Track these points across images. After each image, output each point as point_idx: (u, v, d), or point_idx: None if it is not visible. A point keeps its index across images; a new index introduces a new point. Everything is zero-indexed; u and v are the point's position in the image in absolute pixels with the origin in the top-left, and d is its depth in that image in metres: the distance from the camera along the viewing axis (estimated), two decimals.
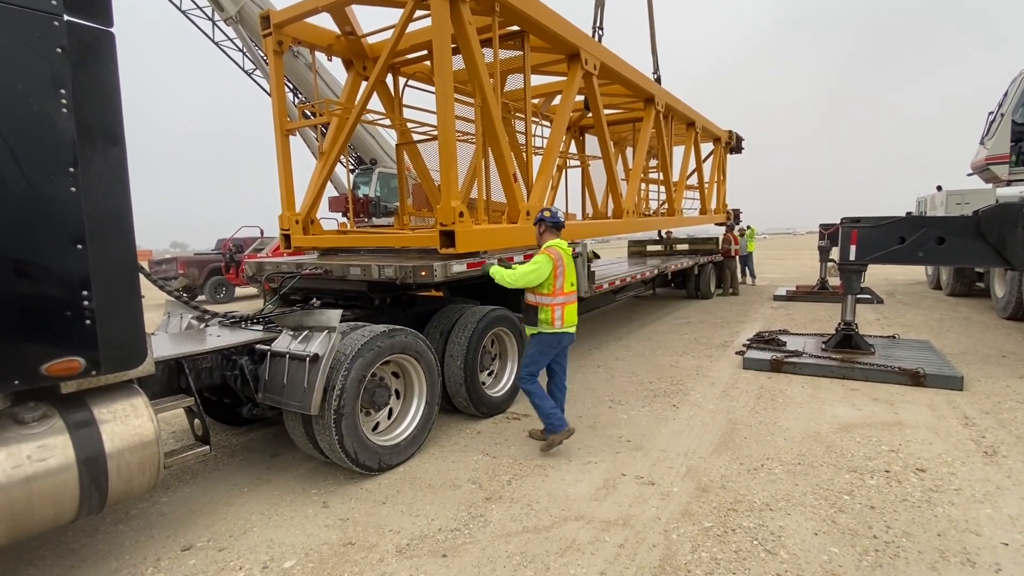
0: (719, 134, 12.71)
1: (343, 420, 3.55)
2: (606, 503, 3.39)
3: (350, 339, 3.76)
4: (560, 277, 4.07)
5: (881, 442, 4.20)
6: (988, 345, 7.46)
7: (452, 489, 3.66)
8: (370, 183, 13.90)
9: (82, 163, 2.38)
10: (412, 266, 4.43)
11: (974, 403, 5.05)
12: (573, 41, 6.36)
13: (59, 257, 2.34)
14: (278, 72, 6.14)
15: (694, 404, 5.27)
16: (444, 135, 4.69)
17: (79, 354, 2.39)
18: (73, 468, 2.45)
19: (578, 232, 7.75)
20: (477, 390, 4.87)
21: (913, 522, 3.06)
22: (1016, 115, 7.90)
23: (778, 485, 3.55)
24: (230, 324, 4.45)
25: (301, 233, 6.10)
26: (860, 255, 6.44)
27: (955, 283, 12.45)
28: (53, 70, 2.30)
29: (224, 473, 4.10)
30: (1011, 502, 3.26)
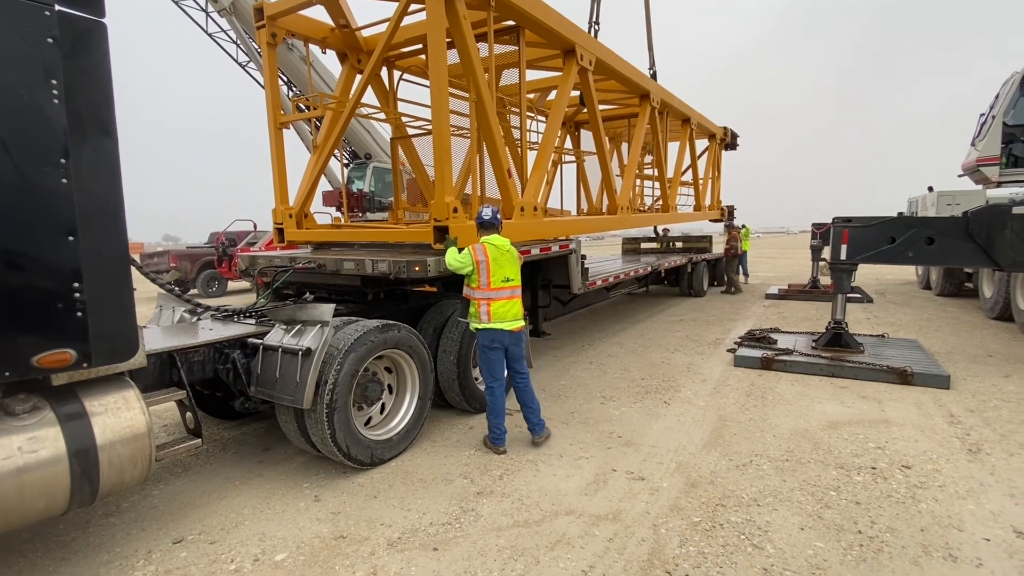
0: (714, 130, 12.74)
1: (335, 414, 3.56)
2: (596, 498, 3.43)
3: (343, 333, 3.76)
4: (484, 273, 4.05)
5: (868, 439, 4.26)
6: (975, 345, 7.56)
7: (444, 484, 3.68)
8: (364, 178, 13.85)
9: (73, 154, 2.37)
10: (406, 261, 4.43)
11: (960, 401, 5.13)
12: (569, 37, 6.35)
13: (50, 249, 2.33)
14: (272, 64, 6.10)
15: (685, 401, 5.31)
16: (438, 130, 4.69)
17: (70, 346, 2.38)
18: (64, 460, 2.45)
19: (572, 228, 7.76)
20: (470, 385, 4.88)
21: (897, 517, 3.11)
22: (1007, 117, 7.98)
23: (766, 481, 3.59)
24: (222, 318, 4.44)
25: (295, 227, 6.08)
26: (851, 254, 6.50)
27: (944, 283, 12.59)
28: (44, 60, 2.28)
29: (216, 467, 4.10)
30: (993, 498, 3.32)
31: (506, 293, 4.11)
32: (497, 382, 4.16)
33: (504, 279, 4.10)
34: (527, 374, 4.29)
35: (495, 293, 4.07)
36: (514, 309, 4.15)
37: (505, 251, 4.16)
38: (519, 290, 4.22)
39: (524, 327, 4.27)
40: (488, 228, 4.22)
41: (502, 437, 4.16)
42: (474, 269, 4.08)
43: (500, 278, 4.08)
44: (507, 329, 4.11)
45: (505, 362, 4.20)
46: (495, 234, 4.21)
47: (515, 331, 4.14)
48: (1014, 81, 8.00)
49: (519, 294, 4.22)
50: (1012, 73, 8.09)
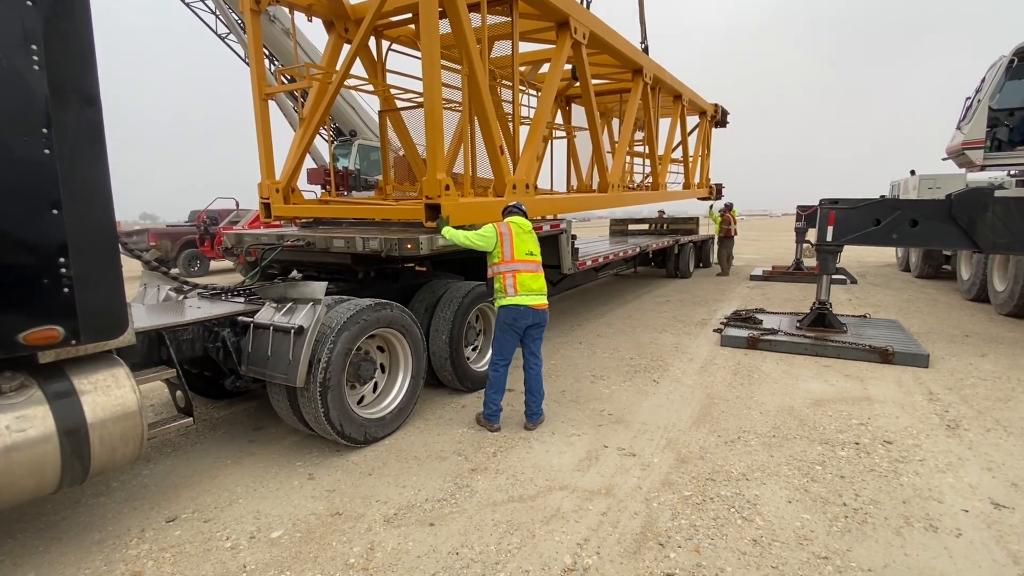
0: (705, 107, 12.67)
1: (329, 393, 3.54)
2: (589, 473, 3.48)
3: (336, 312, 3.73)
4: (507, 245, 4.11)
5: (852, 416, 4.37)
6: (953, 325, 7.76)
7: (438, 461, 3.70)
8: (350, 155, 13.60)
9: (56, 124, 2.28)
10: (398, 239, 4.38)
11: (939, 380, 5.27)
12: (563, 8, 6.23)
13: (34, 222, 2.25)
14: (256, 33, 5.91)
15: (674, 379, 5.39)
16: (430, 106, 4.60)
17: (58, 323, 2.32)
18: (54, 438, 2.40)
19: (564, 206, 7.74)
20: (462, 364, 4.89)
21: (880, 490, 3.21)
22: (992, 101, 8.08)
23: (754, 456, 3.68)
24: (210, 296, 4.36)
25: (282, 202, 5.96)
26: (837, 236, 6.59)
27: (923, 265, 12.86)
28: (24, 25, 2.17)
29: (207, 446, 4.07)
30: (971, 472, 3.44)
31: (531, 266, 4.15)
32: (504, 362, 4.17)
33: (527, 252, 4.16)
34: (541, 360, 4.29)
35: (521, 264, 4.10)
36: (540, 281, 4.19)
37: (527, 230, 4.24)
38: (541, 265, 4.27)
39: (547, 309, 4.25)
40: (518, 214, 4.35)
41: (497, 415, 4.18)
42: (497, 242, 4.11)
43: (524, 251, 4.14)
44: (532, 306, 4.08)
45: (518, 346, 4.21)
46: (519, 216, 4.32)
47: (539, 309, 4.14)
48: (1000, 65, 8.09)
49: (542, 270, 4.26)
50: (999, 57, 8.18)
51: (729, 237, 14.38)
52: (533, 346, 4.24)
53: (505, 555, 2.65)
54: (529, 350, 4.24)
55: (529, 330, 4.16)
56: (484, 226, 4.21)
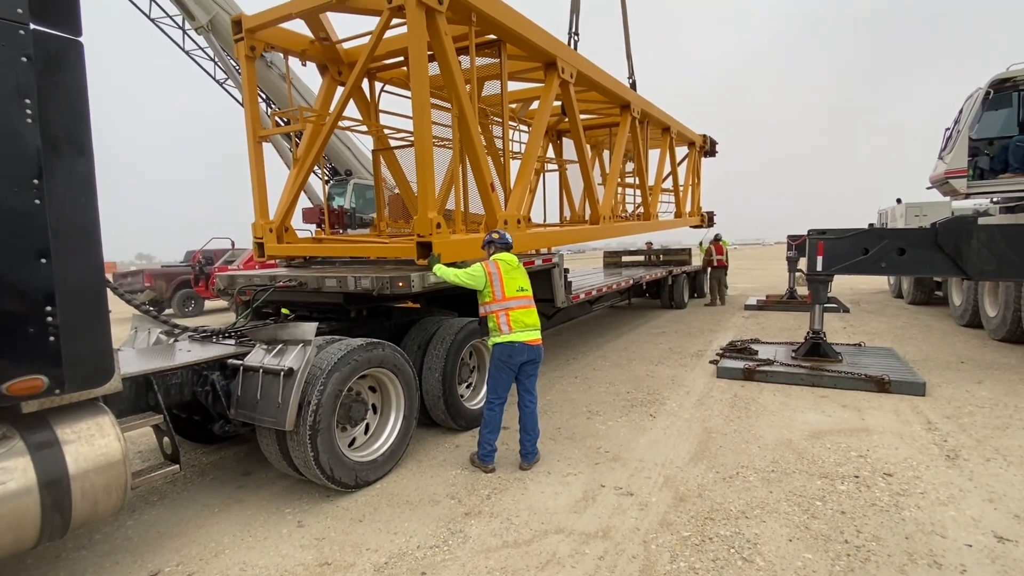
0: (694, 138, 12.96)
1: (319, 436, 3.49)
2: (586, 515, 3.40)
3: (326, 353, 3.70)
4: (497, 284, 4.09)
5: (850, 448, 4.32)
6: (947, 352, 7.76)
7: (431, 505, 3.62)
8: (345, 194, 13.75)
9: (47, 174, 2.30)
10: (389, 277, 4.39)
11: (936, 408, 5.24)
12: (550, 50, 6.44)
13: (22, 271, 2.25)
14: (250, 77, 6.07)
15: (670, 413, 5.33)
16: (421, 148, 4.69)
17: (42, 372, 2.29)
18: (34, 491, 2.34)
19: (556, 239, 7.81)
20: (455, 403, 4.84)
21: (882, 526, 3.15)
22: (972, 132, 8.29)
23: (753, 493, 3.61)
24: (200, 339, 4.33)
25: (275, 241, 5.99)
26: (827, 265, 6.65)
27: (915, 292, 12.95)
28: (18, 79, 2.22)
29: (193, 493, 3.97)
30: (973, 504, 3.38)
31: (523, 302, 4.15)
32: (499, 400, 4.12)
33: (518, 288, 4.16)
34: (536, 397, 4.25)
35: (513, 302, 4.10)
36: (532, 316, 4.17)
37: (515, 265, 4.24)
38: (533, 301, 4.26)
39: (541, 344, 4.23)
40: (502, 249, 4.33)
41: (492, 455, 4.11)
42: (487, 282, 4.10)
43: (514, 288, 4.14)
44: (526, 342, 4.07)
45: (513, 384, 4.17)
46: (505, 252, 4.31)
47: (533, 345, 4.12)
48: (977, 97, 8.33)
49: (534, 305, 4.25)
50: (975, 89, 8.43)
51: (720, 267, 14.46)
52: (528, 383, 4.21)
53: None
54: (524, 387, 4.20)
55: (524, 367, 4.14)
56: (473, 264, 4.23)
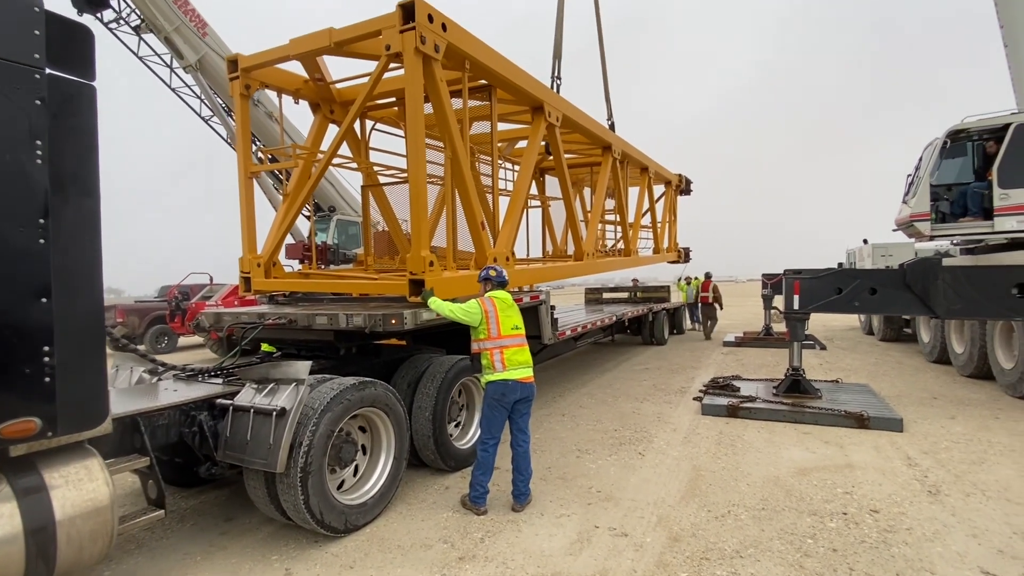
0: (670, 177, 13.46)
1: (310, 478, 3.42)
2: (582, 557, 3.37)
3: (319, 392, 3.67)
4: (493, 323, 4.14)
5: (836, 484, 4.39)
6: (920, 388, 8.00)
7: (423, 549, 3.54)
8: (328, 230, 13.76)
9: (53, 215, 2.32)
10: (382, 314, 4.40)
11: (914, 444, 5.38)
12: (538, 95, 6.71)
13: (20, 311, 2.23)
14: (244, 115, 6.15)
15: (659, 451, 5.35)
16: (415, 188, 4.79)
17: (35, 414, 2.24)
18: (20, 539, 2.25)
19: (542, 276, 7.93)
20: (445, 443, 4.79)
21: (873, 563, 3.20)
22: (933, 179, 8.81)
23: (746, 531, 3.63)
24: (186, 377, 4.24)
25: (263, 276, 5.95)
26: (803, 304, 6.88)
27: (886, 329, 13.39)
28: (31, 122, 2.26)
29: (174, 541, 3.81)
30: (958, 539, 3.46)
31: (517, 340, 4.19)
32: (493, 440, 4.10)
33: (513, 327, 4.20)
34: (529, 437, 4.24)
35: (508, 340, 4.14)
36: (525, 354, 4.21)
37: (510, 304, 4.30)
38: (525, 339, 4.30)
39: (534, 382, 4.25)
40: (498, 287, 4.38)
41: (484, 497, 4.06)
42: (483, 319, 4.13)
43: (509, 326, 4.18)
44: (520, 380, 4.09)
45: (506, 423, 4.15)
46: (500, 290, 4.36)
47: (526, 382, 4.14)
48: (936, 145, 8.88)
49: (526, 343, 4.29)
50: (934, 138, 9.00)
51: (709, 304, 15.01)
52: (521, 422, 4.20)
53: None
54: (517, 426, 4.19)
55: (517, 405, 4.14)
56: (468, 301, 4.28)
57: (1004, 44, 9.07)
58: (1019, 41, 8.80)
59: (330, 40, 5.23)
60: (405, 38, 4.61)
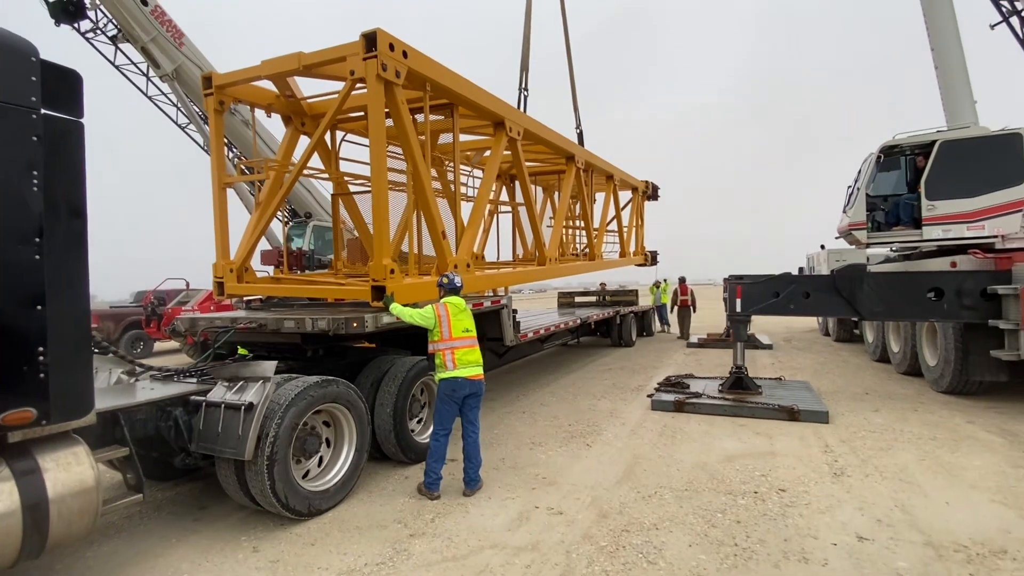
0: (636, 184, 14.01)
1: (275, 466, 3.81)
2: (519, 532, 3.82)
3: (284, 389, 4.06)
4: (445, 326, 4.63)
5: (756, 469, 4.91)
6: (857, 384, 8.64)
7: (379, 529, 3.96)
8: (304, 236, 14.06)
9: (47, 233, 2.69)
10: (344, 318, 4.81)
11: (835, 434, 5.95)
12: (498, 112, 7.16)
13: (19, 317, 2.60)
14: (218, 129, 6.49)
15: (605, 443, 5.84)
16: (377, 201, 5.20)
17: (32, 405, 2.61)
18: (17, 513, 2.61)
19: (504, 280, 8.37)
20: (406, 437, 5.20)
21: (768, 531, 3.70)
22: (869, 190, 9.49)
23: (666, 508, 4.12)
24: (162, 378, 4.59)
25: (235, 281, 6.29)
26: (744, 307, 7.46)
27: (839, 330, 14.14)
28: (28, 155, 2.64)
29: (150, 526, 4.16)
30: (846, 512, 3.99)
31: (467, 342, 4.67)
32: (444, 432, 4.56)
33: (463, 330, 4.68)
34: (478, 428, 4.70)
35: (457, 342, 4.61)
36: (475, 354, 4.69)
37: (462, 308, 4.77)
38: (476, 340, 4.78)
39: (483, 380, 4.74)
40: (452, 292, 4.86)
41: (437, 483, 4.50)
42: (436, 324, 4.62)
43: (460, 329, 4.66)
44: (468, 377, 4.57)
45: (457, 416, 4.61)
46: (454, 296, 4.82)
47: (475, 380, 4.62)
48: (871, 159, 9.58)
49: (477, 344, 4.77)
50: (869, 153, 9.70)
51: (686, 307, 15.71)
52: (471, 415, 4.66)
53: None
54: (467, 418, 4.65)
55: (467, 399, 4.61)
56: (425, 307, 4.72)
57: (935, 66, 9.81)
58: (947, 65, 9.55)
59: (299, 63, 5.62)
60: (368, 65, 5.02)
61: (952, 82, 9.57)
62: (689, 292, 16.36)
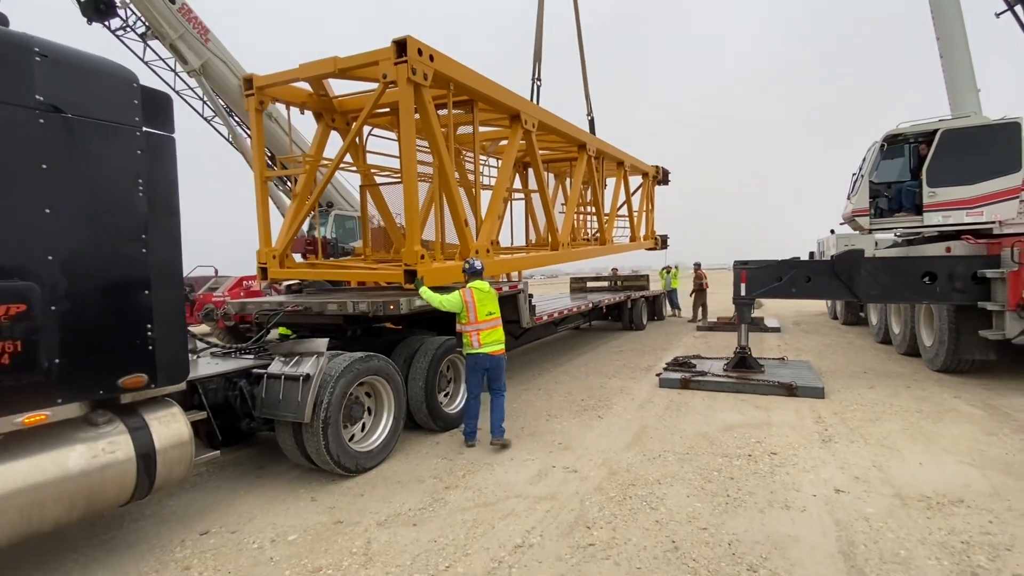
0: (647, 169, 14.37)
1: (329, 428, 4.40)
2: (539, 485, 4.39)
3: (334, 363, 4.64)
4: (471, 311, 5.31)
5: (752, 436, 5.43)
6: (857, 364, 9.07)
7: (417, 483, 4.55)
8: (326, 225, 14.65)
9: (150, 231, 3.27)
10: (382, 301, 5.38)
11: (829, 407, 6.43)
12: (514, 106, 7.62)
13: (131, 300, 3.19)
14: (259, 127, 7.04)
15: (615, 415, 6.38)
16: (408, 195, 5.72)
17: (143, 371, 3.21)
18: (133, 460, 3.22)
19: (519, 265, 8.89)
20: (436, 407, 5.79)
21: (757, 486, 4.23)
22: (872, 176, 9.81)
23: (669, 468, 4.66)
24: (222, 355, 5.21)
25: (277, 267, 6.89)
26: (749, 291, 7.91)
27: (846, 313, 14.49)
28: (134, 166, 3.20)
29: (219, 482, 4.80)
30: (828, 471, 4.50)
31: (490, 324, 5.37)
32: (474, 396, 5.46)
33: (488, 313, 5.36)
34: (502, 389, 5.49)
35: (483, 324, 5.32)
36: (497, 334, 5.40)
37: (486, 292, 5.43)
38: (500, 320, 5.46)
39: (504, 354, 5.45)
40: (475, 276, 5.51)
41: (473, 434, 5.35)
42: (464, 309, 5.29)
43: (484, 312, 5.35)
44: (489, 353, 5.31)
45: (484, 383, 5.42)
46: (478, 280, 5.46)
47: (495, 355, 5.34)
48: (875, 148, 9.88)
49: (500, 324, 5.45)
50: (873, 142, 9.99)
51: (702, 290, 16.23)
52: (495, 383, 5.41)
53: (471, 540, 3.53)
54: (492, 386, 5.41)
55: (489, 371, 5.31)
56: (453, 292, 5.28)
57: (940, 55, 10.03)
58: (952, 54, 9.76)
59: (335, 67, 6.12)
60: (399, 69, 5.50)
61: (956, 71, 9.78)
62: (703, 277, 16.82)
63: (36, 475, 2.83)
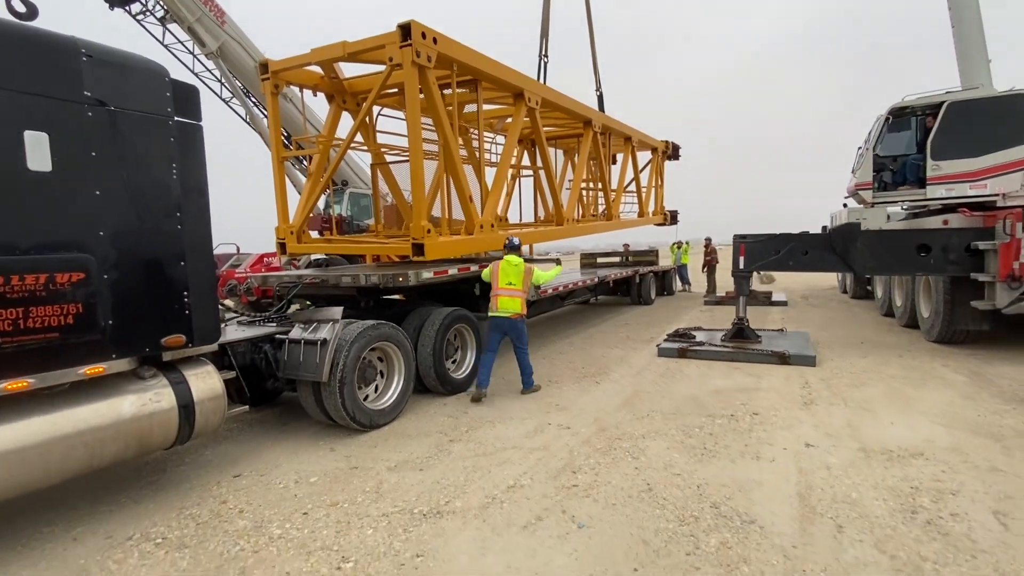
0: (655, 144, 14.40)
1: (345, 388, 4.87)
2: (534, 439, 4.83)
3: (348, 329, 5.09)
4: (495, 280, 6.20)
5: (738, 399, 5.78)
6: (856, 335, 9.30)
7: (425, 437, 5.03)
8: (342, 203, 15.10)
9: (183, 209, 3.70)
10: (392, 273, 5.80)
11: (818, 374, 6.73)
12: (517, 84, 7.85)
13: (171, 270, 3.64)
14: (275, 109, 7.44)
15: (612, 381, 6.78)
16: (415, 169, 6.08)
17: (182, 332, 3.69)
18: (175, 409, 3.72)
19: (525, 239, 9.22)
20: (443, 372, 6.24)
21: (733, 440, 4.61)
22: (877, 150, 9.85)
23: (654, 425, 5.06)
24: (247, 323, 5.69)
25: (295, 242, 7.35)
26: (747, 264, 8.16)
27: (855, 287, 14.56)
28: (168, 152, 3.62)
29: (248, 436, 5.34)
30: (804, 429, 4.86)
31: (508, 292, 6.13)
32: (489, 350, 6.27)
33: (507, 283, 6.12)
34: (525, 350, 6.36)
35: (502, 291, 6.18)
36: (513, 303, 6.16)
37: (513, 264, 6.15)
38: (518, 291, 6.15)
39: (522, 316, 6.21)
40: (512, 251, 6.34)
41: (485, 382, 6.09)
42: (491, 277, 6.26)
43: (504, 282, 6.12)
44: (504, 316, 6.13)
45: (499, 340, 6.25)
46: (514, 254, 6.24)
47: (510, 318, 6.16)
48: (881, 121, 9.89)
49: (518, 294, 6.15)
50: (879, 115, 9.99)
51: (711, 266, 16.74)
52: (517, 342, 6.19)
53: (470, 482, 3.99)
54: (515, 345, 6.19)
55: (508, 333, 6.09)
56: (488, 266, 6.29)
57: (951, 25, 9.93)
58: (963, 25, 9.66)
59: (344, 51, 6.45)
60: (404, 52, 5.82)
61: (967, 42, 9.68)
62: (714, 252, 17.00)
63: (98, 418, 3.34)
